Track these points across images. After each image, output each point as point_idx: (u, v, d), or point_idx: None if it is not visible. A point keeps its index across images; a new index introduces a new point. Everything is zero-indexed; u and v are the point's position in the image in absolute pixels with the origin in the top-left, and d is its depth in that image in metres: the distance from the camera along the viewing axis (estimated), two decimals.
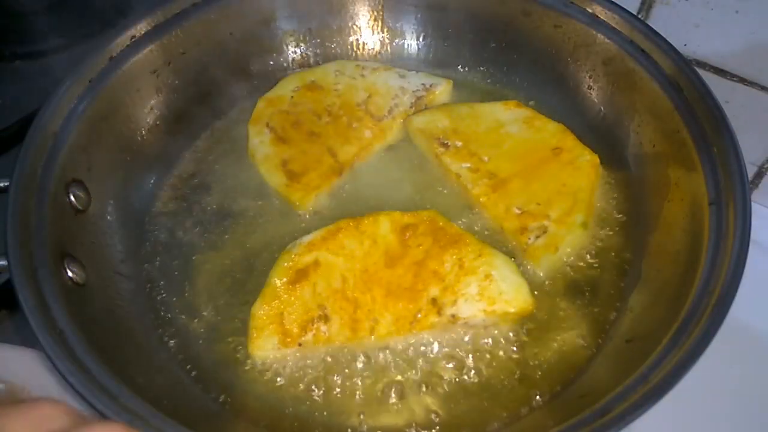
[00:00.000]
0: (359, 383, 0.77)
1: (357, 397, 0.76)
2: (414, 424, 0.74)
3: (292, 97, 0.97)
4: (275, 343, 0.77)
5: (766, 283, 0.86)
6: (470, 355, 0.78)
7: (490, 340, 0.79)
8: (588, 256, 0.85)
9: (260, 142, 0.93)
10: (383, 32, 1.06)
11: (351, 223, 0.83)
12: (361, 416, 0.75)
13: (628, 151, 0.91)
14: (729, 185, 0.75)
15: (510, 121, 0.94)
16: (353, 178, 0.93)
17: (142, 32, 0.91)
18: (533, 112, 0.95)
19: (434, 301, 0.79)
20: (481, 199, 0.88)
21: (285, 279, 0.80)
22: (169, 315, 0.82)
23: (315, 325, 0.78)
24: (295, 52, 1.05)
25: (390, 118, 0.96)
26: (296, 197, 0.88)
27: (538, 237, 0.83)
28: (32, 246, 0.73)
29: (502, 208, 0.86)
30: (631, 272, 0.83)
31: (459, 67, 1.04)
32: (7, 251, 0.71)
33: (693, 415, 0.81)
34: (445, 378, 0.77)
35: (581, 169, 0.88)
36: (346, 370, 0.77)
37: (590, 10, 0.92)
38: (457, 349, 0.78)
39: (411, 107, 0.97)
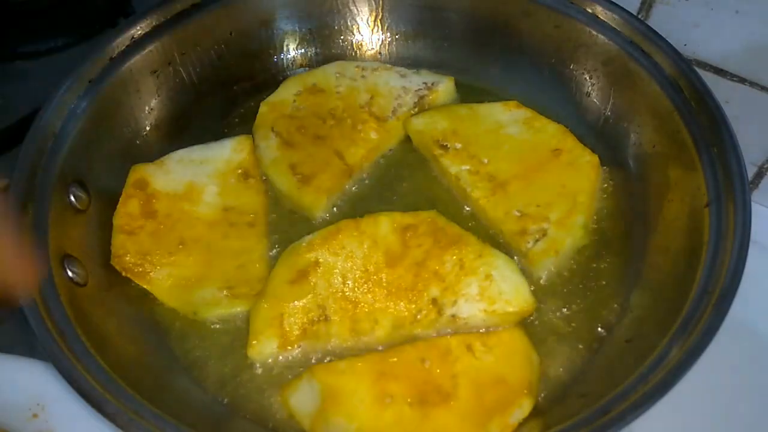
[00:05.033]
0: None
1: None
2: None
3: (294, 101, 0.97)
4: (275, 346, 0.77)
5: (766, 283, 0.86)
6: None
7: None
8: (588, 256, 0.85)
9: (266, 147, 0.93)
10: (383, 32, 1.06)
11: (351, 224, 0.83)
12: None
13: (628, 152, 0.91)
14: (729, 185, 0.75)
15: (510, 122, 0.94)
16: (356, 179, 0.93)
17: (142, 32, 0.91)
18: (533, 113, 0.95)
19: (434, 301, 0.79)
20: (480, 202, 0.87)
21: (285, 279, 0.80)
22: (170, 315, 0.82)
23: (315, 326, 0.78)
24: (296, 53, 1.05)
25: (394, 118, 0.96)
26: (308, 200, 0.88)
27: (537, 240, 0.83)
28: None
29: (501, 211, 0.86)
30: (631, 272, 0.83)
31: (459, 67, 1.03)
32: None
33: (693, 415, 0.81)
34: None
35: (581, 170, 0.88)
36: None
37: (590, 11, 0.92)
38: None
39: (414, 107, 0.97)
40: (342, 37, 1.06)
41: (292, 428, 0.74)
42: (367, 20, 1.05)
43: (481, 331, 0.78)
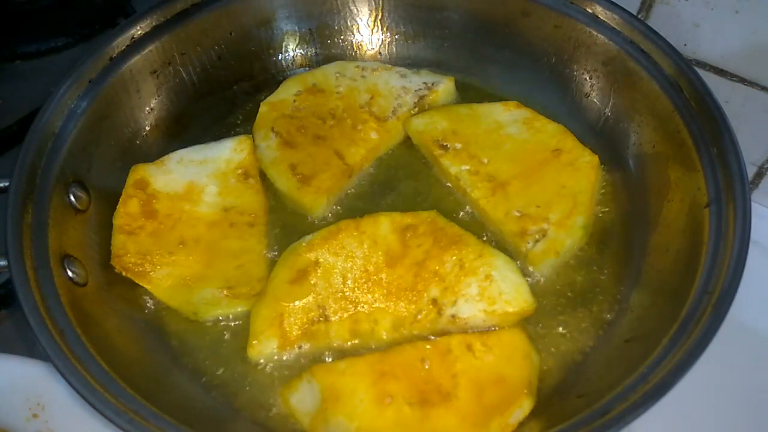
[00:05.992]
0: None
1: None
2: None
3: (294, 101, 0.97)
4: (275, 346, 0.77)
5: (766, 283, 0.86)
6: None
7: None
8: (588, 257, 0.85)
9: (267, 146, 0.93)
10: (383, 32, 1.06)
11: (351, 224, 0.83)
12: None
13: (628, 152, 0.91)
14: (729, 185, 0.75)
15: (509, 122, 0.94)
16: (356, 179, 0.93)
17: (142, 32, 0.91)
18: (533, 113, 0.95)
19: (434, 301, 0.79)
20: (480, 203, 0.87)
21: (285, 279, 0.80)
22: (170, 315, 0.82)
23: (315, 326, 0.78)
24: (296, 53, 1.05)
25: (394, 118, 0.96)
26: (308, 200, 0.88)
27: (537, 241, 0.83)
28: (32, 246, 0.73)
29: (501, 212, 0.86)
30: (631, 272, 0.83)
31: (459, 67, 1.03)
32: (7, 251, 0.71)
33: (693, 415, 0.81)
34: None
35: (581, 171, 0.88)
36: None
37: (590, 10, 0.92)
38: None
39: (414, 107, 0.97)
40: (342, 37, 1.06)
41: (291, 428, 0.74)
42: (367, 20, 1.05)
43: (481, 330, 0.78)
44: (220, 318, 0.82)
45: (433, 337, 0.77)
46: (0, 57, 1.17)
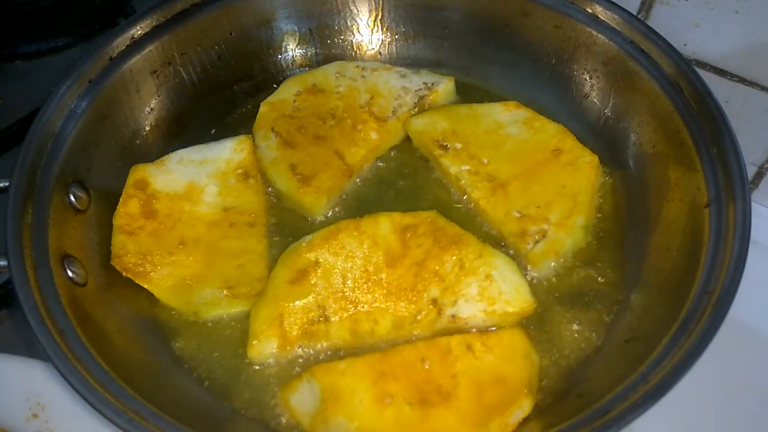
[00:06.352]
0: None
1: None
2: None
3: (294, 101, 0.97)
4: (275, 346, 0.77)
5: (766, 283, 0.86)
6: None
7: None
8: (588, 256, 0.85)
9: (266, 146, 0.93)
10: (383, 32, 1.06)
11: (351, 224, 0.83)
12: None
13: (628, 152, 0.91)
14: (729, 185, 0.75)
15: (509, 122, 0.94)
16: (356, 179, 0.93)
17: (142, 32, 0.91)
18: (533, 113, 0.95)
19: (434, 301, 0.79)
20: (480, 203, 0.87)
21: (285, 279, 0.80)
22: (170, 315, 0.82)
23: (315, 326, 0.78)
24: (296, 52, 1.05)
25: (394, 118, 0.96)
26: (308, 200, 0.88)
27: (537, 242, 0.83)
28: (32, 246, 0.73)
29: (501, 212, 0.86)
30: (631, 272, 0.83)
31: (459, 67, 1.04)
32: (7, 251, 0.71)
33: (693, 415, 0.81)
34: None
35: (581, 171, 0.88)
36: None
37: (590, 10, 0.92)
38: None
39: (414, 107, 0.97)
40: (342, 37, 1.06)
41: (292, 428, 0.74)
42: (367, 20, 1.05)
43: (481, 330, 0.78)
44: (220, 318, 0.82)
45: (433, 337, 0.77)
46: (0, 57, 1.17)
